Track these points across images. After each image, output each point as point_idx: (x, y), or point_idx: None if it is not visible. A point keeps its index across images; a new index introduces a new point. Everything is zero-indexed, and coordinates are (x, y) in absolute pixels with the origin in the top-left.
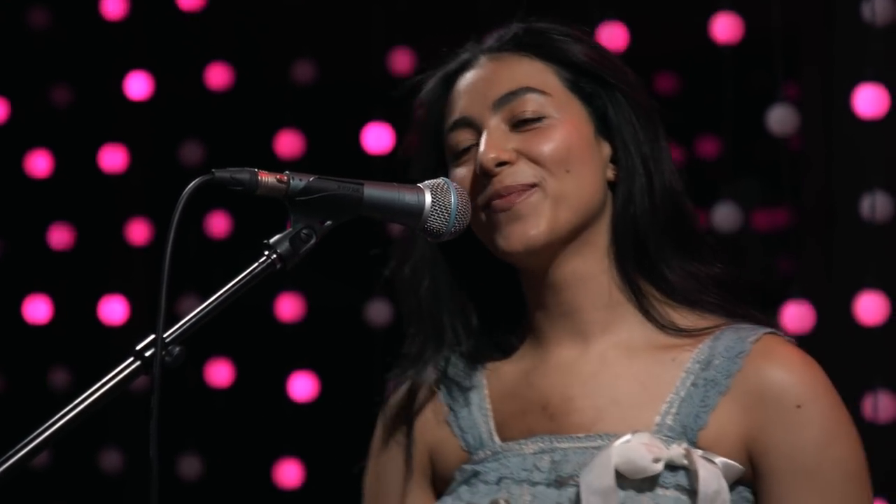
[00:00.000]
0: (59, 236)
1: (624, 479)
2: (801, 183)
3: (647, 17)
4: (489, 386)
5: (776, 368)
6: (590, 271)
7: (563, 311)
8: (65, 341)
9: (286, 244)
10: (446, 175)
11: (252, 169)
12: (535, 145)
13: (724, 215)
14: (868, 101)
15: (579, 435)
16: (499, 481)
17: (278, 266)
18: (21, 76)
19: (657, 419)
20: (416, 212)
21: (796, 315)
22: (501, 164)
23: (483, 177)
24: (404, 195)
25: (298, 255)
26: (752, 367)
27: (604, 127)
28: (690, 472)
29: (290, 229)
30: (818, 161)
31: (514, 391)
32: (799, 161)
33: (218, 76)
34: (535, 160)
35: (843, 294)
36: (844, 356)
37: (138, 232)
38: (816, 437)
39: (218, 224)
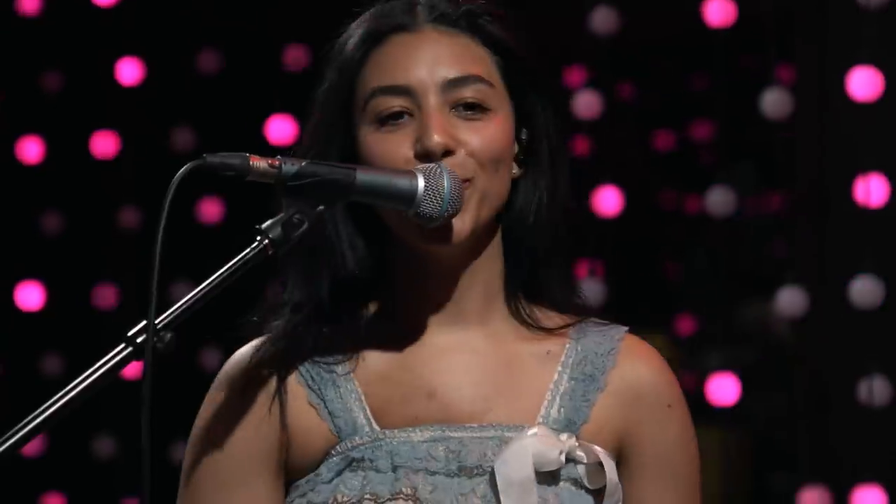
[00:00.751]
0: (51, 223)
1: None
2: (795, 167)
3: (640, 1)
4: (354, 368)
5: (648, 368)
6: (477, 264)
7: (444, 297)
8: (57, 327)
9: (278, 229)
10: (350, 136)
11: (243, 154)
12: (475, 139)
13: (718, 200)
14: (862, 83)
15: (472, 425)
16: (395, 469)
17: (270, 252)
18: (12, 62)
19: (542, 412)
20: (409, 196)
21: (791, 300)
22: (446, 152)
23: (423, 157)
24: (397, 180)
25: (290, 241)
26: (625, 365)
27: (518, 125)
28: (581, 465)
29: (282, 214)
30: (812, 145)
31: (387, 375)
32: (793, 145)
33: (208, 61)
34: (472, 153)
35: (837, 278)
36: (839, 341)
37: (130, 218)
38: (680, 435)
39: (211, 210)
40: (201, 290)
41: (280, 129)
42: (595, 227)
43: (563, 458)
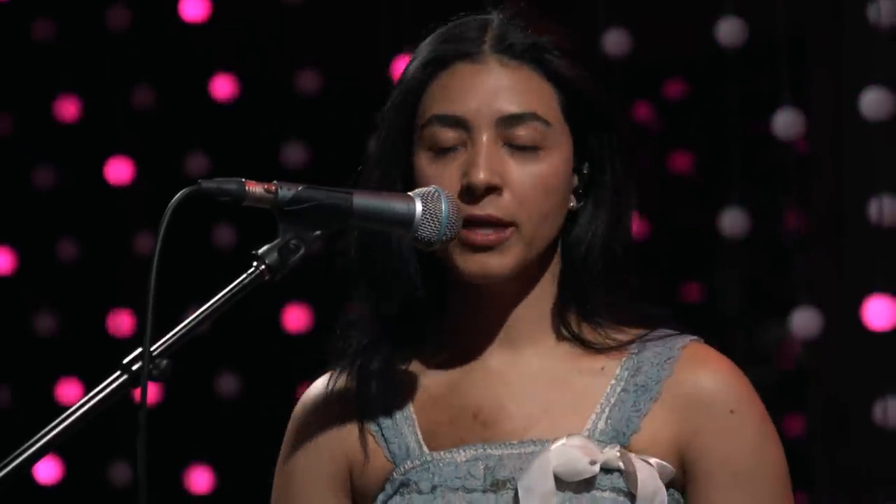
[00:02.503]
0: (66, 249)
1: (561, 482)
2: (810, 187)
3: (652, 21)
4: (411, 394)
5: (708, 374)
6: (532, 291)
7: (498, 322)
8: (72, 353)
9: (275, 255)
10: (410, 158)
11: (239, 179)
12: (523, 180)
13: (732, 221)
14: (876, 103)
15: (512, 441)
16: (433, 490)
17: (266, 277)
18: (26, 89)
19: (589, 424)
20: (407, 220)
21: (805, 320)
22: (490, 188)
23: (466, 191)
24: (394, 204)
25: (287, 266)
26: (682, 374)
27: (579, 158)
28: (626, 474)
29: (278, 240)
30: (826, 165)
31: (439, 399)
32: (807, 165)
33: (223, 87)
34: (518, 196)
35: (852, 299)
36: (854, 361)
37: (145, 244)
38: (749, 442)
39: (224, 236)
40: (197, 316)
41: (294, 154)
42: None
43: (595, 467)
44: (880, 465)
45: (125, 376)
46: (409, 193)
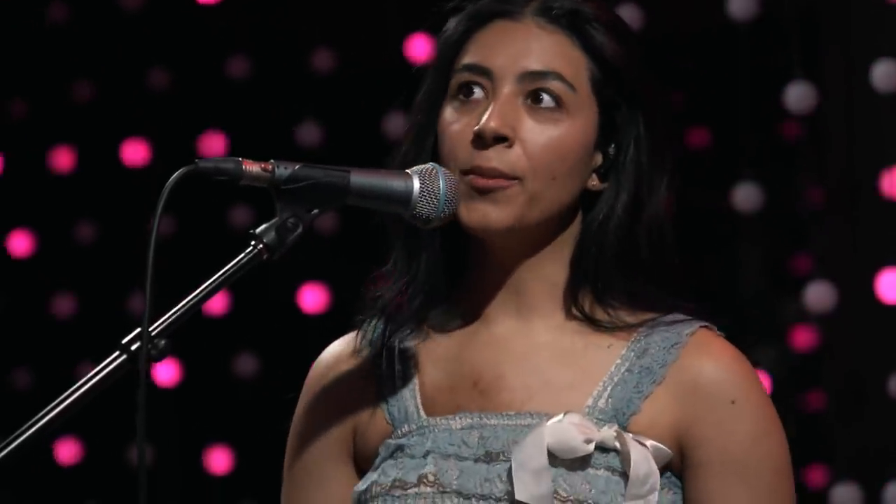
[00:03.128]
0: (84, 231)
1: (555, 459)
2: (822, 161)
3: None
4: (417, 358)
5: (711, 363)
6: (544, 263)
7: (508, 290)
8: (90, 336)
9: (272, 234)
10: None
11: (236, 158)
12: (535, 138)
13: (745, 196)
14: (887, 76)
15: (509, 413)
16: (425, 455)
17: (265, 256)
18: (41, 72)
19: (589, 402)
20: (405, 198)
21: (819, 295)
22: (499, 138)
23: (477, 139)
24: (391, 182)
25: (285, 245)
26: (687, 360)
27: (605, 138)
28: (621, 454)
29: (276, 219)
30: (839, 139)
31: (443, 364)
32: (820, 139)
33: (237, 67)
34: (528, 152)
35: (865, 273)
36: (868, 335)
37: (162, 225)
38: (748, 432)
39: (241, 218)
40: (195, 296)
41: (309, 133)
42: None
43: (590, 446)
44: (893, 440)
45: (124, 356)
46: (407, 171)
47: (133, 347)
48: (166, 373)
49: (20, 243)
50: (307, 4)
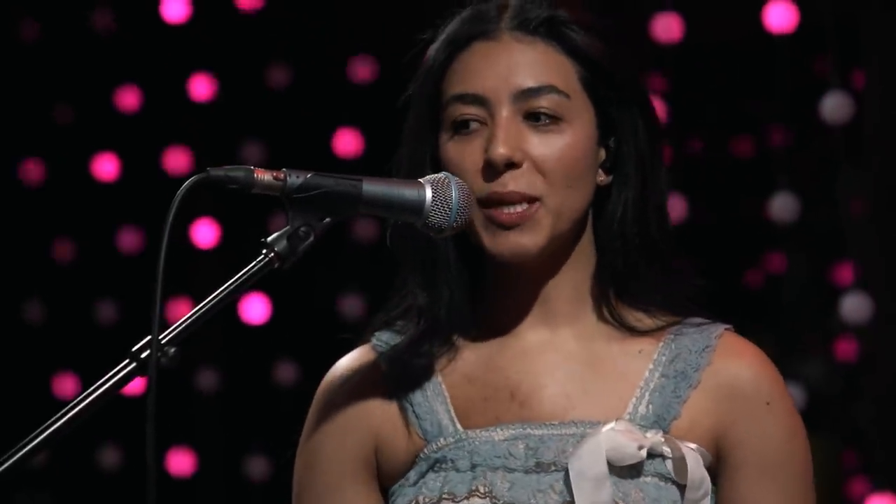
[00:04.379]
0: (127, 240)
1: (610, 467)
2: (861, 172)
3: (702, 6)
4: (443, 370)
5: (745, 365)
6: (566, 267)
7: (533, 299)
8: (134, 344)
9: (284, 242)
10: (436, 141)
11: (248, 167)
12: (544, 153)
13: (782, 206)
14: None
15: (553, 422)
16: (473, 468)
17: (276, 265)
18: (86, 80)
19: (629, 408)
20: (417, 207)
21: (856, 305)
22: (510, 164)
23: (487, 168)
24: (404, 191)
25: (297, 254)
26: (721, 363)
27: (604, 132)
28: (674, 461)
29: (287, 227)
30: (878, 149)
31: (473, 376)
32: (859, 149)
33: (278, 76)
34: (540, 169)
35: None
36: None
37: (205, 234)
38: (783, 433)
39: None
40: (206, 304)
41: (347, 141)
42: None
43: (643, 452)
44: None
45: (134, 364)
46: (420, 180)
47: (143, 355)
48: (207, 380)
49: (63, 250)
50: (347, 13)
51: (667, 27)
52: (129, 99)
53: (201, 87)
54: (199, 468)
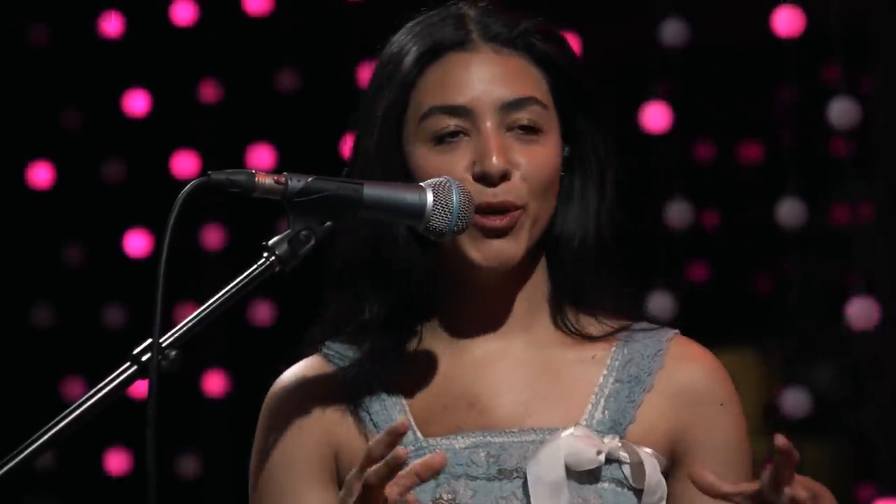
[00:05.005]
0: (136, 243)
1: (568, 472)
2: (869, 177)
3: (709, 11)
4: (400, 379)
5: (698, 368)
6: (521, 277)
7: (489, 308)
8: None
9: (284, 246)
10: (403, 152)
11: (249, 170)
12: (529, 163)
13: (789, 211)
14: None
15: (512, 430)
16: (436, 476)
17: (277, 268)
18: (94, 84)
19: (586, 414)
20: (418, 211)
21: (862, 310)
22: (504, 176)
23: (480, 179)
24: (405, 194)
25: (297, 257)
26: (673, 366)
27: (564, 141)
28: (626, 465)
29: (288, 231)
30: (884, 155)
31: (430, 387)
32: (866, 154)
33: (286, 80)
34: (526, 177)
35: None
36: None
37: (212, 238)
38: (736, 433)
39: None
40: (207, 307)
41: None
42: (663, 240)
43: (601, 457)
44: None
45: (135, 367)
46: (421, 184)
47: (144, 358)
48: (215, 383)
49: (72, 254)
50: (356, 17)
51: (674, 32)
52: (137, 103)
53: (210, 91)
54: (205, 471)
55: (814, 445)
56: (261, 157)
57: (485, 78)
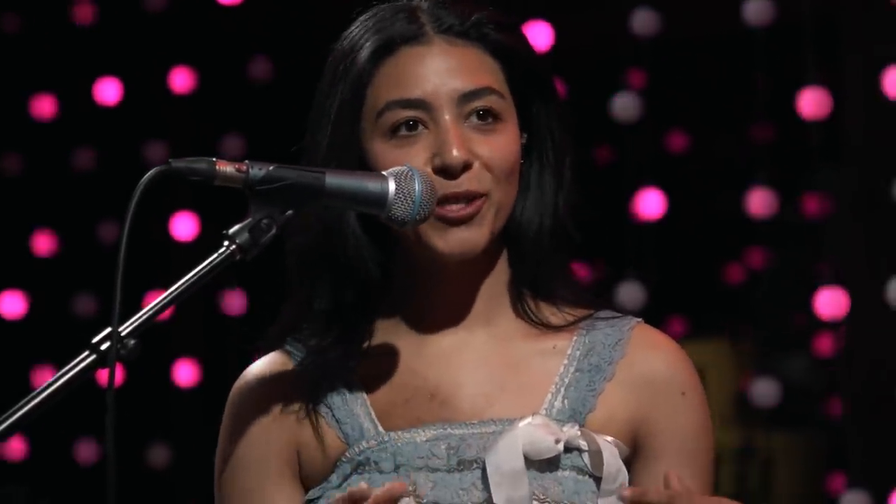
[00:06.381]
0: (107, 232)
1: (527, 461)
2: (839, 167)
3: (679, 2)
4: (360, 373)
5: (661, 356)
6: (480, 267)
7: (450, 300)
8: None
9: (245, 234)
10: (360, 147)
11: (210, 158)
12: (490, 152)
13: (759, 201)
14: None
15: (473, 421)
16: (396, 469)
17: (238, 257)
18: (66, 72)
19: (545, 404)
20: (380, 200)
21: (830, 300)
22: (465, 167)
23: (440, 171)
24: (367, 183)
25: (258, 246)
26: (636, 355)
27: (521, 129)
28: (590, 454)
29: (249, 219)
30: (854, 145)
31: (391, 380)
32: (834, 145)
33: (258, 69)
34: (487, 166)
35: (877, 279)
36: (879, 342)
37: (183, 227)
38: (697, 422)
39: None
40: (167, 296)
41: None
42: (634, 231)
43: (560, 446)
44: None
45: (93, 356)
46: (383, 173)
47: (103, 347)
48: (186, 373)
49: (42, 243)
50: (328, 6)
51: (644, 23)
52: (109, 91)
53: (182, 80)
54: (176, 461)
55: (784, 436)
56: (233, 146)
57: (440, 70)
